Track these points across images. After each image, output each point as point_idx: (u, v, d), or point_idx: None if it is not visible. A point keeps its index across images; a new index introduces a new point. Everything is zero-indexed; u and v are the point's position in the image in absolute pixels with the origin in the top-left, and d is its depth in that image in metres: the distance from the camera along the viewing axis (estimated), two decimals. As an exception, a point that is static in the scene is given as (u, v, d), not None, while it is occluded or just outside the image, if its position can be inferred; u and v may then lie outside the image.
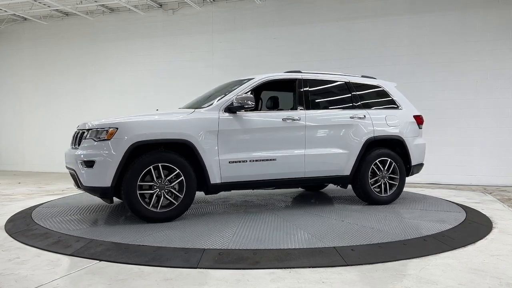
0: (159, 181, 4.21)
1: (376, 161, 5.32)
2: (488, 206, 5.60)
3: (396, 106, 5.76)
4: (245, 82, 4.96)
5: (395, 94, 5.87)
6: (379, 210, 5.02)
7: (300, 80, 5.17)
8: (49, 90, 11.22)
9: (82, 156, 4.19)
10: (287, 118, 4.86)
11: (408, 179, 8.29)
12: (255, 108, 5.22)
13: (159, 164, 4.19)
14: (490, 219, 4.70)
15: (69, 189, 7.41)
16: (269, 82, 5.03)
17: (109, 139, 4.11)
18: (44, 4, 9.95)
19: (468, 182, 8.15)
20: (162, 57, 10.25)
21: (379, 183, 5.38)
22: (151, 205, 4.19)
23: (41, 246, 3.55)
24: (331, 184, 6.31)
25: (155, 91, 10.21)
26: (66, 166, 4.72)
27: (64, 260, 3.20)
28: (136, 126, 4.22)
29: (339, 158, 5.13)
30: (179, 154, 4.32)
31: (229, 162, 4.52)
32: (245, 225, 4.15)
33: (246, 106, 4.52)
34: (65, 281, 2.76)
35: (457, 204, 5.48)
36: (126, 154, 4.09)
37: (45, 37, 11.23)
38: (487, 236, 3.94)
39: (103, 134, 4.16)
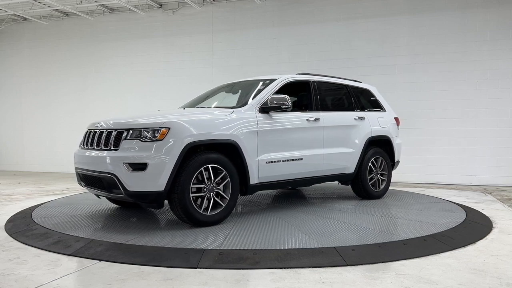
0: (209, 183, 4.05)
1: (372, 159, 5.77)
2: (488, 206, 5.60)
3: (382, 108, 6.29)
4: (268, 83, 4.95)
5: (379, 97, 6.36)
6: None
7: (313, 82, 5.36)
8: (49, 90, 11.22)
9: (128, 158, 3.80)
10: (310, 119, 5.02)
11: (409, 179, 8.37)
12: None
13: (209, 166, 4.03)
14: (490, 219, 4.70)
15: (69, 189, 7.41)
16: (290, 83, 5.08)
17: (161, 140, 3.83)
18: (44, 4, 9.95)
19: (468, 182, 8.14)
20: (162, 57, 10.25)
21: (374, 179, 5.82)
22: (202, 209, 4.01)
23: (41, 246, 3.55)
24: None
25: (155, 91, 10.21)
26: (81, 169, 4.33)
27: (64, 260, 3.20)
28: (190, 126, 3.98)
29: (347, 156, 5.47)
30: (223, 155, 4.18)
31: (266, 162, 4.52)
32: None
33: (283, 107, 4.54)
34: (65, 281, 2.76)
35: (457, 204, 5.48)
36: (181, 155, 3.83)
37: (45, 37, 11.23)
38: (487, 236, 3.94)
39: (154, 134, 3.85)
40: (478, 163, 8.15)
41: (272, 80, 5.00)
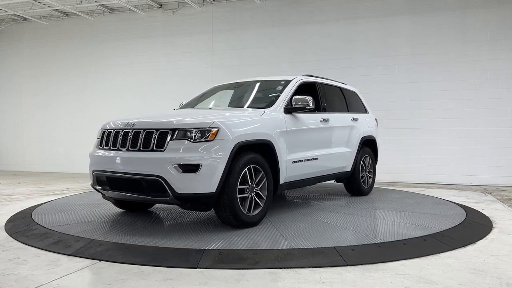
0: (251, 183, 4.02)
1: (363, 158, 6.05)
2: (488, 206, 5.60)
3: (366, 109, 6.53)
4: (284, 83, 4.98)
5: (362, 98, 6.58)
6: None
7: (319, 83, 5.48)
8: (49, 90, 11.22)
9: (179, 159, 3.63)
10: (322, 120, 5.15)
11: (409, 179, 8.37)
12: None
13: (251, 166, 3.99)
14: (490, 219, 4.70)
15: (69, 189, 7.41)
16: (301, 84, 5.13)
17: (212, 140, 3.72)
18: (44, 4, 9.95)
19: (468, 182, 8.14)
20: (162, 57, 10.26)
21: (364, 177, 6.14)
22: (246, 210, 3.95)
23: (41, 246, 3.55)
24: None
25: (155, 91, 10.21)
26: (108, 171, 4.03)
27: (64, 260, 3.19)
28: (237, 126, 3.93)
29: (348, 156, 5.72)
30: (260, 155, 4.15)
31: (292, 162, 4.56)
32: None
33: (308, 108, 4.59)
34: (65, 281, 2.76)
35: (457, 204, 5.48)
36: (231, 156, 3.75)
37: (45, 37, 11.23)
38: (487, 236, 3.94)
39: (204, 134, 3.72)
40: (478, 163, 8.15)
41: (287, 81, 5.02)
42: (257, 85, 5.30)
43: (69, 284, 2.71)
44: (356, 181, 5.91)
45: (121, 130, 4.03)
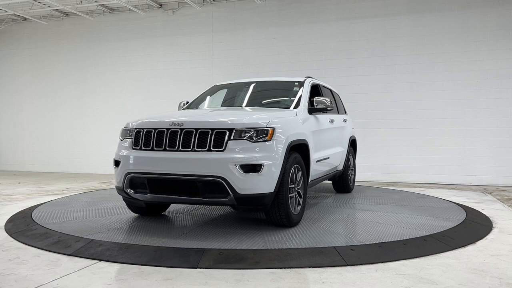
0: (295, 182, 4.06)
1: (349, 156, 6.32)
2: (488, 206, 5.60)
3: (344, 111, 6.69)
4: (297, 85, 5.07)
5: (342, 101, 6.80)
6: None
7: (321, 85, 5.62)
8: (49, 90, 11.22)
9: (241, 159, 3.56)
10: (330, 120, 5.34)
11: (409, 179, 8.37)
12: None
13: (295, 166, 4.03)
14: (490, 219, 4.70)
15: (69, 189, 7.41)
16: (312, 85, 5.23)
17: (270, 140, 3.70)
18: (44, 4, 9.95)
19: (468, 182, 8.14)
20: (162, 57, 10.25)
21: (350, 175, 6.47)
22: (293, 209, 4.00)
23: (41, 246, 3.55)
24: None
25: (155, 91, 10.21)
26: (153, 173, 3.77)
27: (64, 260, 3.20)
28: (288, 126, 3.99)
29: (342, 155, 5.95)
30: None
31: (316, 161, 4.67)
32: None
33: (329, 109, 4.73)
34: (65, 281, 2.76)
35: (457, 204, 5.48)
36: (286, 155, 3.79)
37: (45, 37, 11.23)
38: (487, 236, 3.94)
39: (263, 134, 3.68)
40: (478, 163, 8.14)
41: (300, 83, 5.10)
42: (269, 85, 5.42)
43: (69, 284, 2.72)
44: (345, 179, 6.23)
45: (166, 130, 3.80)
